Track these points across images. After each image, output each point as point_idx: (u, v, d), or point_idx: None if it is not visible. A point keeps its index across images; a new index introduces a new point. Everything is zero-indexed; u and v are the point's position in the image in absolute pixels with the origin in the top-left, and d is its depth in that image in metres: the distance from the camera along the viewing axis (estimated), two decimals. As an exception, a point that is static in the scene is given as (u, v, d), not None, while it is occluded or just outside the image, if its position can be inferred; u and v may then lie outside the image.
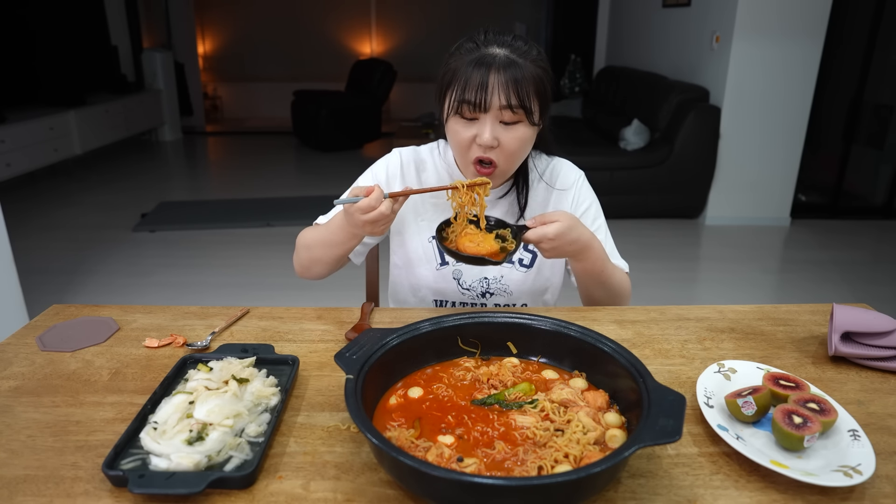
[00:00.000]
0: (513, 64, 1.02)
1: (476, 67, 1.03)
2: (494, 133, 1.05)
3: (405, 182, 1.26)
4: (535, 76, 1.04)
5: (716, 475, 0.71)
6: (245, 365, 0.88)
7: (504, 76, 1.02)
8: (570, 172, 1.29)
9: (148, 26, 7.79)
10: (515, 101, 1.02)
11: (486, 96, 1.02)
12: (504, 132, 1.06)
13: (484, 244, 1.03)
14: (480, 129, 1.05)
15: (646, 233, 4.31)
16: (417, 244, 1.26)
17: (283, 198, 5.10)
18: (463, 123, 1.07)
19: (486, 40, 1.06)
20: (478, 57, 1.03)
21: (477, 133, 1.06)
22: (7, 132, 4.79)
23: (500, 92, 1.02)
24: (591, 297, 1.23)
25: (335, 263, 1.20)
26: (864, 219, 4.70)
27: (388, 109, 8.32)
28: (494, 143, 1.06)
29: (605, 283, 1.19)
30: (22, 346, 1.00)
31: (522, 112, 1.04)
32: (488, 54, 1.03)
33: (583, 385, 0.83)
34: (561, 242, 1.05)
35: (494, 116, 1.04)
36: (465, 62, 1.04)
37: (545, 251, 1.07)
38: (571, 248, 1.08)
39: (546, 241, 1.04)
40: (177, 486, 0.66)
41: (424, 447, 0.71)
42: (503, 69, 1.02)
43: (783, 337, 1.05)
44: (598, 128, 5.61)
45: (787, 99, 4.22)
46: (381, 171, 1.26)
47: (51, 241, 4.04)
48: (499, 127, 1.06)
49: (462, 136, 1.08)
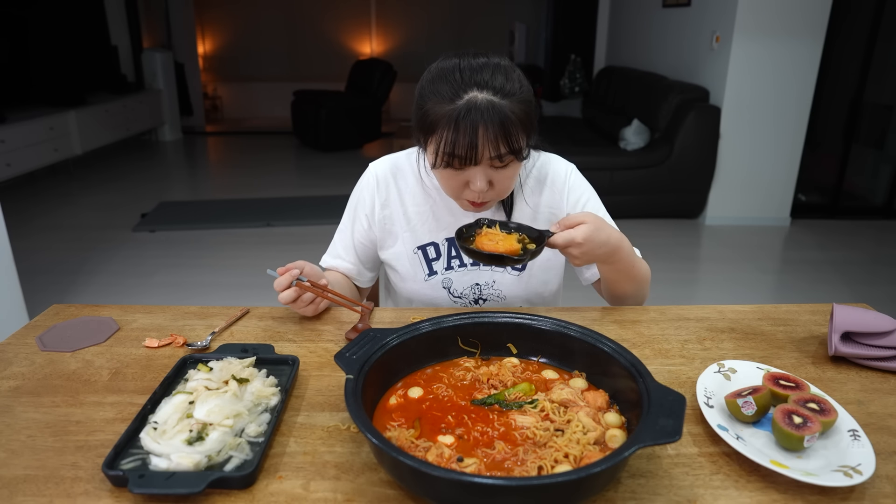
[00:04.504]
0: (498, 111, 0.96)
1: (462, 121, 0.96)
2: (487, 177, 1.03)
3: (386, 201, 1.24)
4: (521, 116, 0.99)
5: (716, 475, 0.71)
6: (245, 365, 0.88)
7: (491, 129, 0.96)
8: (559, 166, 1.25)
9: (148, 26, 7.79)
10: (505, 149, 0.99)
11: (476, 153, 0.98)
12: (496, 173, 1.03)
13: (503, 243, 1.00)
14: (472, 177, 1.02)
15: (646, 233, 4.31)
16: (403, 258, 1.25)
17: (283, 198, 5.10)
18: (453, 172, 1.04)
19: (462, 78, 0.98)
20: (461, 108, 0.97)
21: (468, 179, 1.03)
22: (7, 132, 4.79)
23: (489, 146, 0.98)
24: (620, 294, 1.18)
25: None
26: (864, 219, 4.70)
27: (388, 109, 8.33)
28: (487, 189, 1.04)
29: (635, 277, 1.14)
30: (22, 346, 1.00)
31: (512, 155, 1.01)
32: (471, 105, 0.96)
33: (583, 385, 0.83)
34: (591, 246, 1.00)
35: (485, 164, 1.02)
36: (445, 113, 0.98)
37: (575, 258, 1.03)
38: (602, 250, 1.03)
39: (574, 245, 1.00)
40: (177, 486, 0.66)
41: (424, 447, 0.71)
42: (489, 119, 0.96)
43: (783, 337, 1.05)
44: (598, 128, 5.61)
45: (787, 99, 4.22)
46: (363, 197, 1.25)
47: (51, 241, 4.04)
48: (490, 170, 1.03)
49: (453, 184, 1.06)
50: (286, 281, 1.03)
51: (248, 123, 8.73)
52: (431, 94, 1.01)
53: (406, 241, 1.24)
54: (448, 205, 1.23)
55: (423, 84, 1.04)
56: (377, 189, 1.24)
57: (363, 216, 1.25)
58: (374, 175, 1.25)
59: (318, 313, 1.11)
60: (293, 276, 1.03)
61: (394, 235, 1.25)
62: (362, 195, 1.26)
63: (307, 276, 1.06)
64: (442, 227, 1.23)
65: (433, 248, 1.24)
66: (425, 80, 1.04)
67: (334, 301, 1.09)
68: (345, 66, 8.12)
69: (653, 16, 5.44)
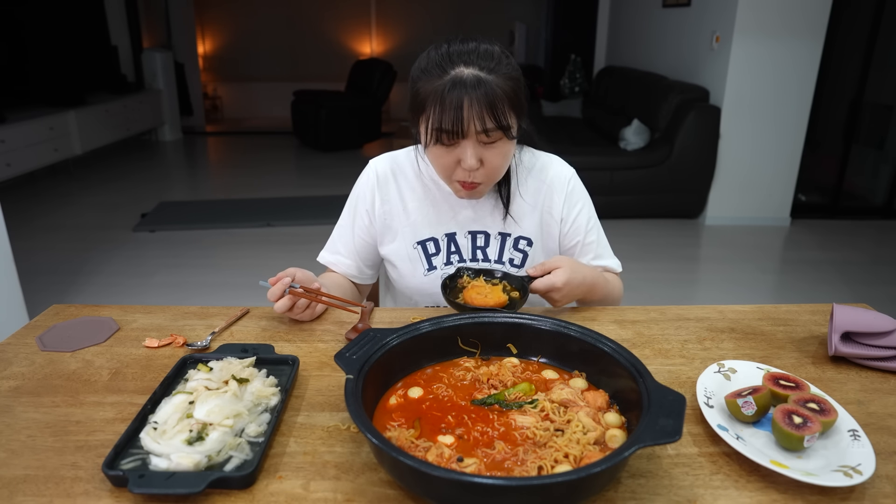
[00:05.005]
0: (484, 84, 1.00)
1: (447, 94, 1.00)
2: (477, 155, 1.05)
3: (386, 196, 1.25)
4: (508, 91, 1.02)
5: (716, 475, 0.71)
6: (245, 365, 0.88)
7: (477, 101, 0.99)
8: (561, 169, 1.27)
9: (148, 26, 7.79)
10: (492, 123, 1.01)
11: (463, 125, 1.01)
12: (486, 151, 1.06)
13: (491, 296, 1.07)
14: (462, 154, 1.05)
15: (646, 233, 4.31)
16: (403, 253, 1.26)
17: (283, 198, 5.10)
18: (443, 150, 1.06)
19: (451, 58, 1.02)
20: (447, 83, 1.00)
21: (459, 157, 1.05)
22: (7, 132, 4.79)
23: (475, 119, 1.00)
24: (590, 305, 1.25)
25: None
26: (864, 219, 4.70)
27: (388, 109, 8.34)
28: (478, 166, 1.06)
29: (607, 299, 1.23)
30: (22, 346, 1.00)
31: (500, 131, 1.03)
32: (457, 78, 1.00)
33: (583, 385, 0.83)
34: (570, 288, 1.08)
35: (473, 140, 1.04)
36: (433, 89, 1.01)
37: (557, 301, 1.10)
38: (580, 290, 1.11)
39: (555, 290, 1.07)
40: (177, 486, 0.66)
41: (424, 447, 0.71)
42: (475, 93, 0.99)
43: (783, 337, 1.05)
44: (598, 128, 5.61)
45: (787, 99, 4.22)
46: (363, 193, 1.27)
47: (51, 242, 4.04)
48: (480, 147, 1.05)
49: (444, 162, 1.08)
50: (279, 290, 1.03)
51: (248, 123, 8.73)
52: (421, 74, 1.05)
53: (405, 237, 1.25)
54: (447, 200, 1.24)
55: (414, 68, 1.08)
56: (377, 185, 1.25)
57: (364, 212, 1.26)
58: (374, 171, 1.26)
59: (315, 317, 1.11)
60: (285, 284, 1.03)
61: (393, 231, 1.26)
62: (363, 191, 1.27)
63: (299, 283, 1.06)
64: (441, 223, 1.24)
65: (433, 244, 1.24)
66: (417, 64, 1.08)
67: (328, 304, 1.09)
68: (345, 66, 8.13)
69: (653, 16, 5.44)
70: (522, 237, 1.24)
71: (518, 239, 1.24)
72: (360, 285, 1.34)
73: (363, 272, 1.31)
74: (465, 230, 1.24)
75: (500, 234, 1.24)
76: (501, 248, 1.25)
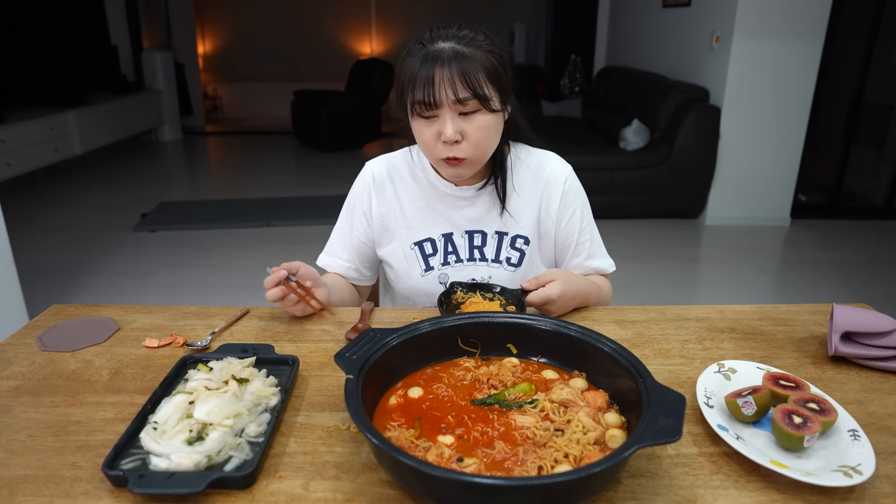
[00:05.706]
0: (459, 55, 1.03)
1: (422, 66, 1.03)
2: (456, 127, 1.06)
3: (383, 198, 1.26)
4: (485, 62, 1.04)
5: (716, 475, 0.71)
6: (245, 365, 0.88)
7: (450, 69, 1.02)
8: (559, 167, 1.27)
9: (148, 26, 7.79)
10: (465, 92, 1.03)
11: (434, 92, 1.03)
12: (466, 123, 1.06)
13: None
14: (441, 126, 1.06)
15: (646, 233, 4.31)
16: (400, 254, 1.26)
17: (283, 198, 5.10)
18: (424, 123, 1.08)
19: (431, 37, 1.06)
20: (423, 55, 1.04)
21: (439, 130, 1.07)
22: (7, 132, 4.79)
23: (447, 87, 1.02)
24: None
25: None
26: (864, 219, 4.70)
27: (388, 109, 8.33)
28: (458, 137, 1.06)
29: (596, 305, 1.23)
30: (22, 346, 1.00)
31: (477, 101, 1.04)
32: (434, 51, 1.04)
33: (583, 385, 0.83)
34: (565, 300, 1.10)
35: (451, 111, 1.05)
36: (412, 63, 1.05)
37: (552, 313, 1.11)
38: (574, 300, 1.14)
39: (550, 302, 1.09)
40: (177, 486, 0.66)
41: (424, 447, 0.71)
42: (448, 63, 1.02)
43: (783, 337, 1.05)
44: (598, 128, 5.61)
45: (787, 99, 4.22)
46: (359, 196, 1.28)
47: (51, 241, 4.04)
48: (459, 120, 1.06)
49: (426, 136, 1.09)
50: (273, 280, 1.05)
51: (248, 123, 8.73)
52: (406, 56, 1.08)
53: (403, 238, 1.25)
54: (443, 200, 1.24)
55: (402, 55, 1.11)
56: (374, 187, 1.26)
57: (361, 214, 1.27)
58: (370, 173, 1.27)
59: (307, 314, 1.12)
60: (280, 276, 1.05)
61: (391, 232, 1.26)
62: (359, 194, 1.27)
63: (302, 278, 1.08)
64: (438, 223, 1.24)
65: (429, 244, 1.25)
66: (404, 53, 1.11)
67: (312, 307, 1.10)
68: (345, 66, 8.12)
69: (653, 16, 5.44)
70: (520, 235, 1.24)
71: (515, 238, 1.24)
72: (360, 286, 1.34)
73: (362, 274, 1.32)
74: (462, 230, 1.24)
75: (497, 233, 1.24)
76: (498, 247, 1.25)
